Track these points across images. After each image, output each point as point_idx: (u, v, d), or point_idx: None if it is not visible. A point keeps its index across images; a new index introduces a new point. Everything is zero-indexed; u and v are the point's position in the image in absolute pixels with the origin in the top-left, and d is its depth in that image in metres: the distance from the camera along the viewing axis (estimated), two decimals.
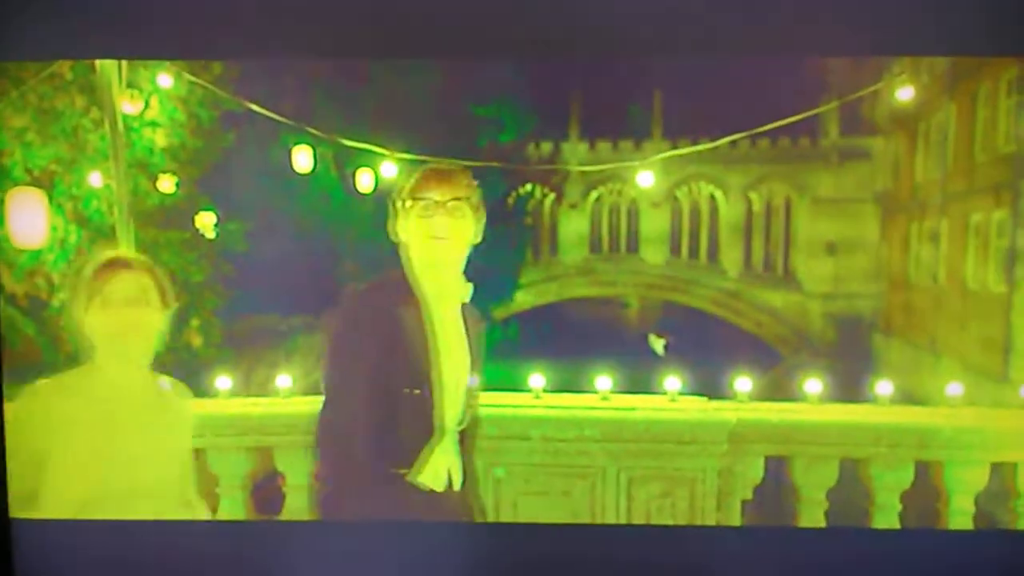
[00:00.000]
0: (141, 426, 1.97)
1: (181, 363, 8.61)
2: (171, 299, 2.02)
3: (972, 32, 2.15)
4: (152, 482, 2.00)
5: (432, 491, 2.12)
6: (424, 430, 2.10)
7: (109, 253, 2.03)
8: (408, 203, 2.10)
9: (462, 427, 2.17)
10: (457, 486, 2.16)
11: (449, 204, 2.07)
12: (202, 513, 2.23)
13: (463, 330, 2.18)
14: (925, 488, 3.00)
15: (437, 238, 2.07)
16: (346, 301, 2.15)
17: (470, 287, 2.21)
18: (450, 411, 2.12)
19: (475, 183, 2.18)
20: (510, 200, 23.45)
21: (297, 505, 3.04)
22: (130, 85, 3.17)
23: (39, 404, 1.94)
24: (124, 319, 1.93)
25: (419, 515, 2.15)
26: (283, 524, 2.07)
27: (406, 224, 2.12)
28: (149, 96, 7.43)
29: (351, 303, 2.16)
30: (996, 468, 2.92)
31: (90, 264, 1.97)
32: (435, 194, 2.07)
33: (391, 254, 2.17)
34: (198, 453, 3.08)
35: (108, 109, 2.85)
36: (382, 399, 2.09)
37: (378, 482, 2.11)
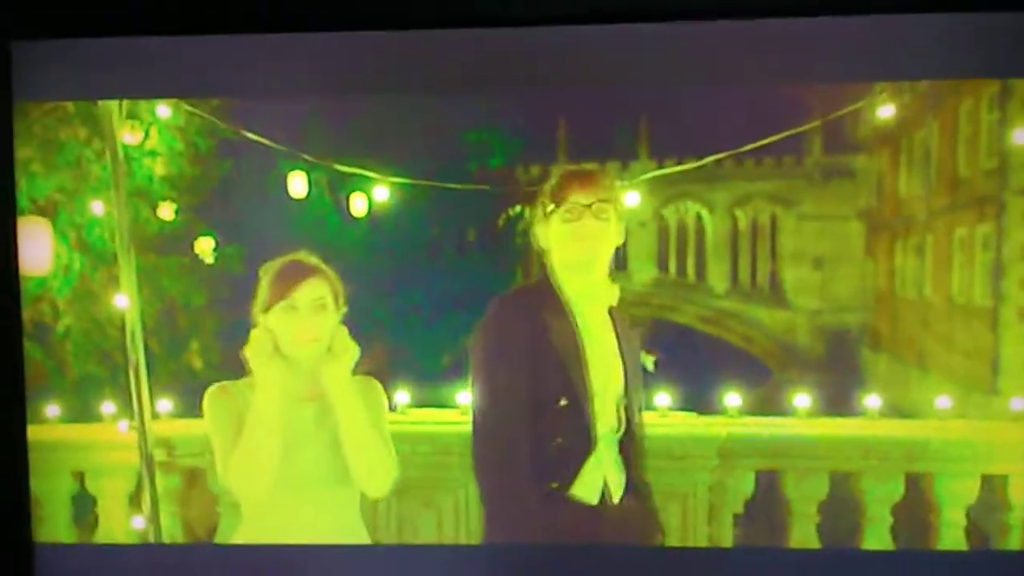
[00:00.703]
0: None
1: (182, 384, 8.58)
2: (342, 303, 2.01)
3: (951, 56, 2.19)
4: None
5: (588, 505, 2.06)
6: (578, 442, 1.99)
7: (289, 256, 2.02)
8: (551, 207, 2.04)
9: (620, 436, 2.06)
10: (615, 499, 2.06)
11: (594, 206, 2.03)
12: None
13: (613, 334, 2.10)
14: (916, 501, 3.02)
15: (582, 241, 2.00)
16: (490, 312, 2.08)
17: (616, 289, 2.13)
18: (602, 419, 2.03)
19: (617, 184, 2.10)
20: (500, 221, 23.50)
21: None
22: (130, 116, 3.21)
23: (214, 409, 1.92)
24: (308, 327, 1.91)
25: (580, 533, 2.03)
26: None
27: (547, 229, 2.05)
28: (148, 127, 7.50)
29: (495, 313, 2.08)
30: (987, 480, 2.94)
31: (270, 267, 1.96)
32: (580, 197, 2.05)
33: (384, 275, 2.14)
34: (197, 472, 3.09)
35: (109, 140, 2.88)
36: (534, 412, 2.00)
37: (537, 500, 2.01)
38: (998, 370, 14.83)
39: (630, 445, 2.12)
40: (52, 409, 3.37)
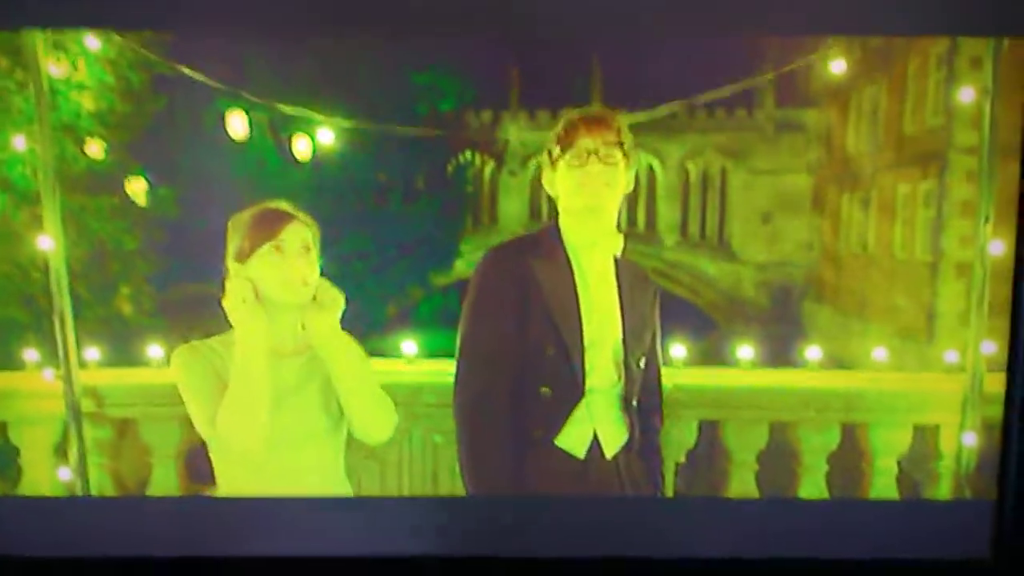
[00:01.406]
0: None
1: (112, 332, 8.41)
2: (320, 252, 1.95)
3: (902, 12, 2.20)
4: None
5: (575, 458, 1.98)
6: (566, 392, 1.97)
7: (263, 205, 1.94)
8: (557, 152, 1.98)
9: (620, 390, 2.01)
10: (608, 453, 2.01)
11: (601, 151, 1.94)
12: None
13: (615, 286, 2.05)
14: (851, 450, 3.10)
15: (588, 187, 1.94)
16: (480, 262, 2.02)
17: (621, 239, 2.04)
18: (598, 372, 1.98)
19: (626, 127, 2.00)
20: (450, 168, 23.32)
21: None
22: (56, 47, 3.06)
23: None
24: (297, 269, 1.85)
25: (565, 485, 1.98)
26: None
27: (555, 175, 1.97)
28: (76, 58, 7.17)
29: (483, 262, 2.02)
30: (919, 430, 3.03)
31: (241, 217, 1.89)
32: (586, 142, 1.94)
33: (329, 221, 2.10)
34: (128, 423, 3.04)
35: (33, 71, 2.74)
36: (521, 360, 1.96)
37: (521, 448, 1.96)
38: (934, 323, 15.35)
39: (631, 400, 2.03)
40: None
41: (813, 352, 3.21)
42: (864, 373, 3.29)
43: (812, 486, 3.10)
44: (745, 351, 3.19)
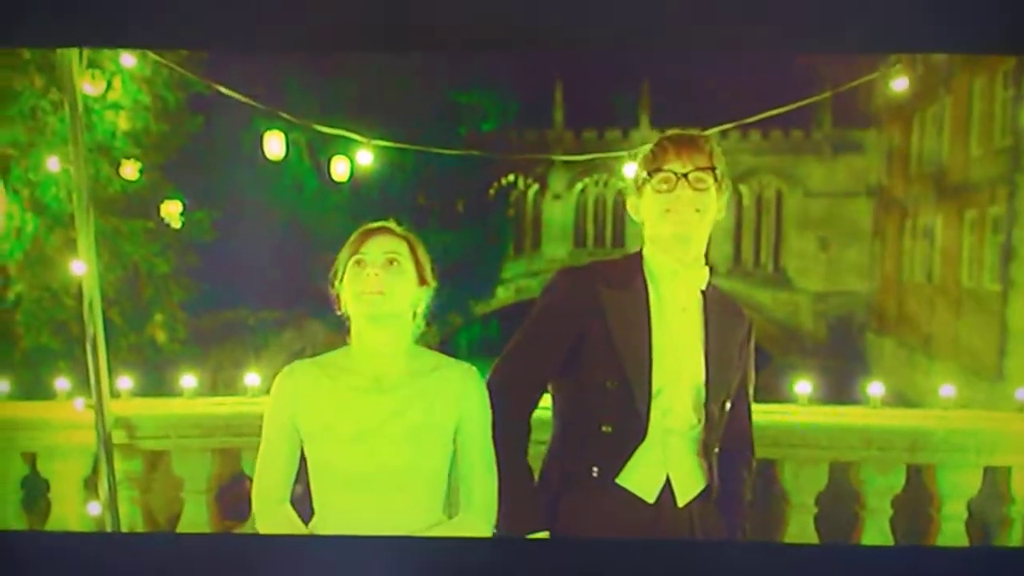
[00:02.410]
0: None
1: (144, 360, 8.53)
2: (429, 276, 1.94)
3: (968, 31, 2.16)
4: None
5: (644, 502, 1.91)
6: (630, 430, 1.91)
7: (376, 223, 1.96)
8: (643, 176, 1.91)
9: (699, 434, 1.93)
10: (681, 502, 1.93)
11: (691, 175, 1.89)
12: None
13: (700, 321, 1.97)
14: (917, 493, 3.02)
15: (676, 214, 1.87)
16: (548, 282, 2.00)
17: (707, 271, 1.99)
18: (675, 413, 1.92)
19: (719, 150, 1.94)
20: (492, 191, 23.42)
21: None
22: (91, 65, 3.14)
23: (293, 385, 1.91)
24: (376, 280, 1.86)
25: (629, 530, 1.92)
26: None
27: (641, 200, 1.94)
28: (111, 77, 7.34)
29: (550, 284, 1.99)
30: (989, 472, 2.95)
31: (355, 233, 1.91)
32: (675, 165, 1.89)
33: None
34: (160, 456, 3.05)
35: (68, 90, 2.80)
36: (579, 393, 1.92)
37: (580, 487, 1.92)
38: (1005, 357, 14.97)
39: (711, 445, 1.95)
40: (1, 385, 3.30)
41: (875, 388, 3.14)
42: (930, 411, 3.21)
43: (876, 530, 3.02)
44: (803, 386, 3.13)
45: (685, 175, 1.85)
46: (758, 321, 2.23)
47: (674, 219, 1.86)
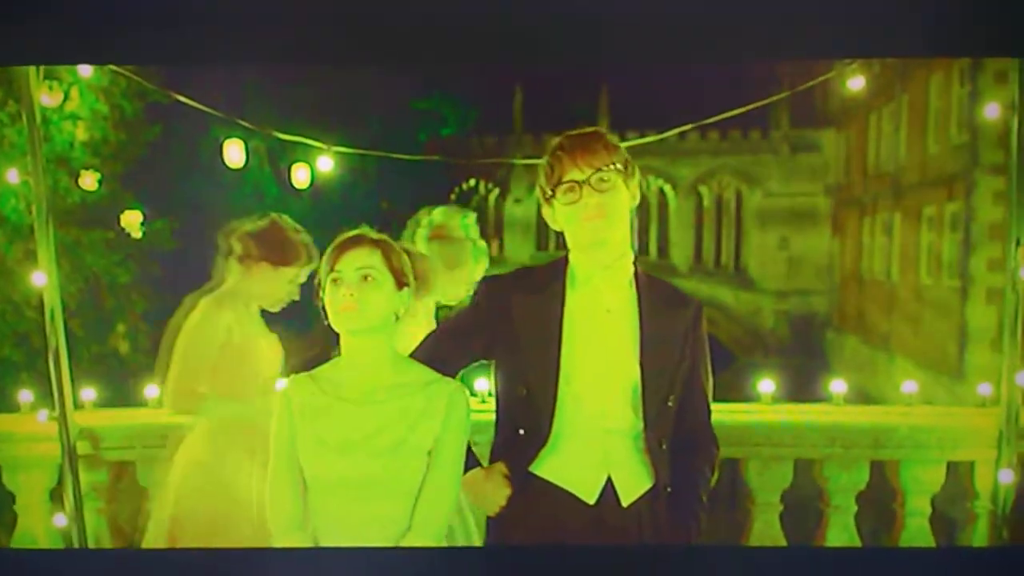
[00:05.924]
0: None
1: (108, 370, 8.41)
2: (408, 278, 1.91)
3: (921, 34, 2.20)
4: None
5: (584, 503, 1.90)
6: (540, 434, 1.92)
7: (351, 232, 1.92)
8: (549, 191, 1.89)
9: (639, 432, 1.92)
10: (625, 502, 1.91)
11: (592, 179, 1.84)
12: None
13: (632, 316, 1.93)
14: (881, 489, 3.07)
15: (588, 221, 1.84)
16: (477, 286, 2.01)
17: (631, 260, 1.95)
18: (613, 413, 1.91)
19: (615, 139, 1.90)
20: (453, 195, 23.40)
21: None
22: (48, 76, 3.09)
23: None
24: (351, 299, 1.84)
25: (573, 532, 1.92)
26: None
27: (553, 211, 1.90)
28: (69, 87, 7.25)
29: (478, 288, 2.03)
30: (953, 467, 3.00)
31: (330, 246, 1.89)
32: (574, 173, 1.85)
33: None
34: (125, 466, 3.03)
35: (25, 101, 2.77)
36: (502, 402, 1.97)
37: (520, 488, 1.93)
38: (965, 353, 15.20)
39: (658, 443, 1.92)
40: None
41: (838, 385, 3.18)
42: (893, 407, 3.27)
43: (840, 527, 3.06)
44: (766, 385, 3.16)
45: (587, 181, 1.82)
46: (721, 321, 2.26)
47: (588, 227, 1.83)
